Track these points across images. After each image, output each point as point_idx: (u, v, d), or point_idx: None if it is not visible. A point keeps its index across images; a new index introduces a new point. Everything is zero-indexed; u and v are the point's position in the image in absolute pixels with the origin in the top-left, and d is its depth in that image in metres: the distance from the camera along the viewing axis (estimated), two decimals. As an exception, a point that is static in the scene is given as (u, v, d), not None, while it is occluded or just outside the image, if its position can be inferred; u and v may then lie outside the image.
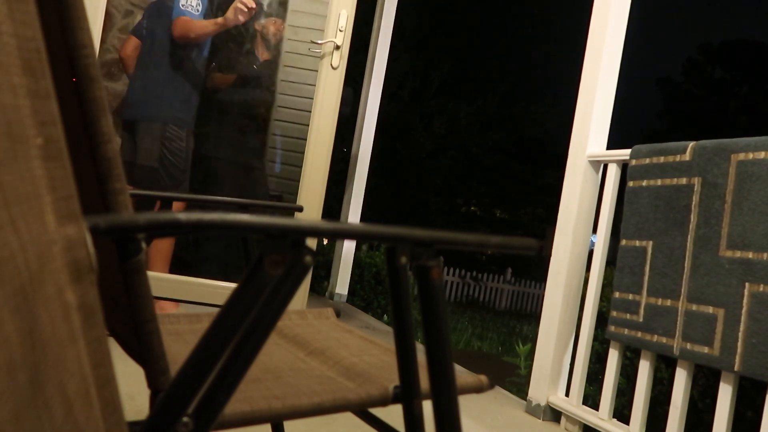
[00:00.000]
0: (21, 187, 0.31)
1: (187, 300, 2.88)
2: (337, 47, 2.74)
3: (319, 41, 2.77)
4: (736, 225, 1.62)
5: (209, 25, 2.90)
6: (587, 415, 2.00)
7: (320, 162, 2.76)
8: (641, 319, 1.83)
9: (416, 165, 14.56)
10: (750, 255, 1.57)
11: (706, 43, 22.47)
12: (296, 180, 2.90)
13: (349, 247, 4.11)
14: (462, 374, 0.82)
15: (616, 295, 1.93)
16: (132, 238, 0.52)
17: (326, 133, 2.75)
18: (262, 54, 3.70)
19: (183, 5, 2.84)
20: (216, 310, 0.51)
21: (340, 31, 2.72)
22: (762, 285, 1.53)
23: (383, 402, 0.77)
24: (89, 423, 0.37)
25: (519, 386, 3.15)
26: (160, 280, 2.77)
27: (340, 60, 2.72)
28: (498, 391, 2.45)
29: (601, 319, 2.16)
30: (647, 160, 1.90)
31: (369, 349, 0.98)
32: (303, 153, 2.86)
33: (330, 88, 2.74)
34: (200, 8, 2.89)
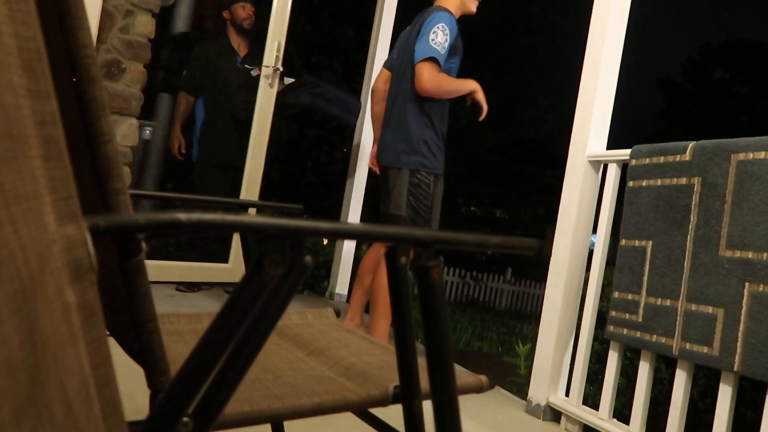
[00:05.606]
0: (21, 187, 0.31)
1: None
2: (275, 70, 3.24)
3: (263, 66, 3.28)
4: (736, 225, 1.62)
5: (460, 86, 2.55)
6: (587, 415, 2.00)
7: (258, 168, 3.29)
8: (640, 319, 1.83)
9: (416, 165, 14.51)
10: (750, 255, 1.57)
11: (706, 43, 22.51)
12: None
13: (349, 247, 4.11)
14: (462, 374, 0.82)
15: (616, 295, 1.93)
16: (132, 238, 0.52)
17: (262, 140, 3.24)
18: (241, 48, 3.59)
19: (433, 40, 2.44)
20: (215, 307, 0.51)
21: (277, 57, 3.25)
22: (762, 285, 1.53)
23: (383, 402, 0.77)
24: (89, 423, 0.37)
25: (519, 386, 3.15)
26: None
27: (274, 80, 3.27)
28: (498, 391, 2.45)
29: (601, 319, 2.15)
30: (647, 160, 1.90)
31: (369, 349, 0.98)
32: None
33: (267, 106, 3.23)
34: (447, 44, 2.47)
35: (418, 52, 2.44)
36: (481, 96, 2.61)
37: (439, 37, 2.43)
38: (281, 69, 3.33)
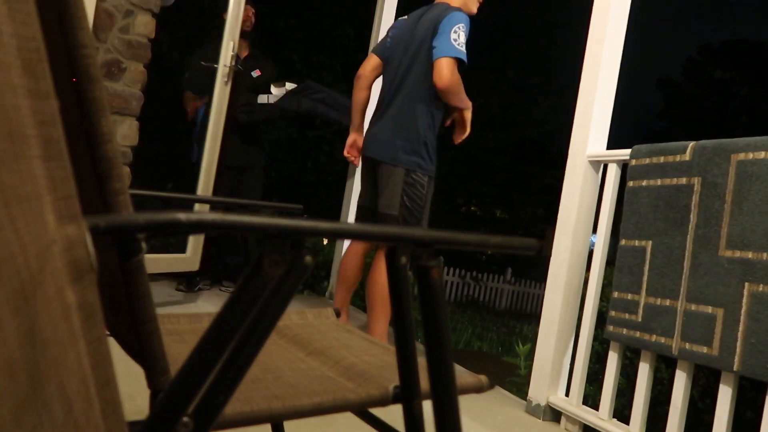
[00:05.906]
0: (21, 187, 0.31)
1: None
2: (230, 69, 3.38)
3: (222, 65, 3.41)
4: (736, 225, 1.62)
5: (464, 97, 2.55)
6: (587, 415, 2.00)
7: (212, 164, 3.35)
8: (640, 319, 1.83)
9: (416, 165, 14.52)
10: (750, 255, 1.57)
11: (706, 43, 22.53)
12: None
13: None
14: (462, 374, 0.82)
15: (615, 294, 1.93)
16: (132, 238, 0.52)
17: (217, 137, 3.36)
18: (241, 50, 3.59)
19: (455, 40, 2.43)
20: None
21: (232, 56, 3.37)
22: (761, 285, 1.53)
23: (383, 402, 0.77)
24: (89, 423, 0.37)
25: (519, 386, 3.15)
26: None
27: (228, 77, 3.40)
28: (498, 391, 2.45)
29: (601, 319, 2.15)
30: (647, 160, 1.90)
31: (369, 349, 0.98)
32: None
33: (222, 100, 3.37)
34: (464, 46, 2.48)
35: (440, 49, 2.43)
36: (469, 116, 2.64)
37: (461, 37, 2.44)
38: (234, 65, 3.48)
